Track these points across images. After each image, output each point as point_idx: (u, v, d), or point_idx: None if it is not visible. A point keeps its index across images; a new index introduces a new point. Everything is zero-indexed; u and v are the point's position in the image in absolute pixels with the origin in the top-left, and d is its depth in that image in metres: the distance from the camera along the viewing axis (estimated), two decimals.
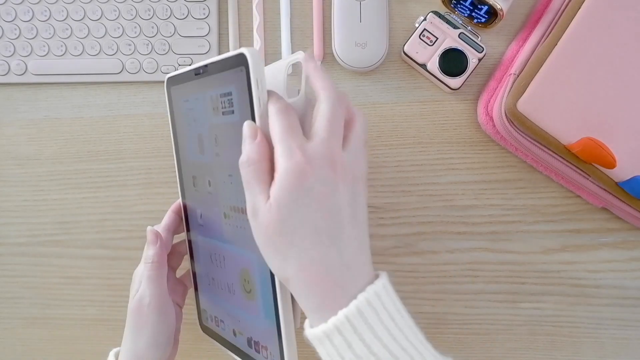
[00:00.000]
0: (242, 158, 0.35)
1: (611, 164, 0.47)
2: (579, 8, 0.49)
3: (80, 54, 0.57)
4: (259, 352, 0.42)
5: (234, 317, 0.45)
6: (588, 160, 0.48)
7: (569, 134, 0.48)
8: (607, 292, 0.55)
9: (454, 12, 0.54)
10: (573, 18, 0.49)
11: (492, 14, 0.52)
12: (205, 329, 0.51)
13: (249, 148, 0.35)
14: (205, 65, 0.41)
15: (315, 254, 0.34)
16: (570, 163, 0.50)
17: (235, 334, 0.45)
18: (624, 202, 0.50)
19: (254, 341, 0.42)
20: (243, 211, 0.38)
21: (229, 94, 0.39)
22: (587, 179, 0.50)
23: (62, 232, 0.57)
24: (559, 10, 0.52)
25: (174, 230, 0.50)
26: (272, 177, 0.35)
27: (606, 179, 0.48)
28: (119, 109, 0.57)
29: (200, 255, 0.49)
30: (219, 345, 0.48)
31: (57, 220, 0.58)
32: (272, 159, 0.35)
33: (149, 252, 0.46)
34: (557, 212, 0.55)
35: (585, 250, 0.55)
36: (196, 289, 0.51)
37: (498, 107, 0.51)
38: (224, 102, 0.40)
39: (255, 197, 0.35)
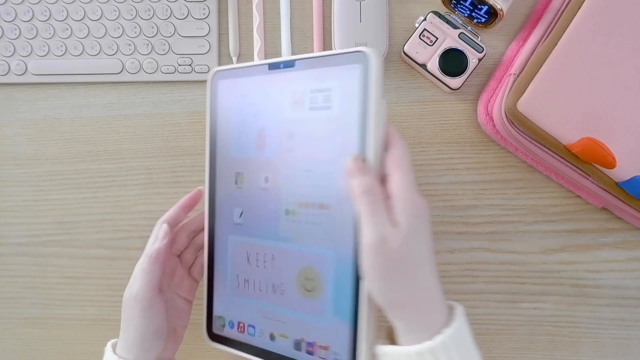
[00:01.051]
0: (360, 190, 0.36)
1: (611, 164, 0.47)
2: (579, 8, 0.49)
3: (80, 54, 0.57)
4: (312, 354, 0.42)
5: (275, 320, 0.44)
6: (588, 160, 0.48)
7: (569, 134, 0.48)
8: (607, 292, 0.55)
9: (454, 12, 0.54)
10: (573, 18, 0.49)
11: (492, 14, 0.52)
12: (217, 338, 0.48)
13: (366, 180, 0.37)
14: (292, 61, 0.42)
15: (431, 279, 0.37)
16: (570, 163, 0.50)
17: (273, 338, 0.44)
18: (624, 202, 0.50)
19: (307, 342, 0.42)
20: (322, 206, 0.40)
21: (327, 89, 0.40)
22: (587, 179, 0.50)
23: (62, 232, 0.57)
24: (559, 10, 0.52)
25: (175, 225, 0.49)
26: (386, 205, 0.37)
27: (606, 179, 0.48)
28: (119, 109, 0.57)
29: (228, 256, 0.47)
30: (238, 352, 0.46)
31: (57, 220, 0.58)
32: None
33: (154, 245, 0.46)
34: (557, 212, 0.55)
35: (585, 250, 0.55)
36: (210, 295, 0.48)
37: (498, 107, 0.51)
38: (316, 98, 0.41)
39: (380, 225, 0.36)
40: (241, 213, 0.46)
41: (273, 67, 0.44)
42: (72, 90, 0.58)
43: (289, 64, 0.43)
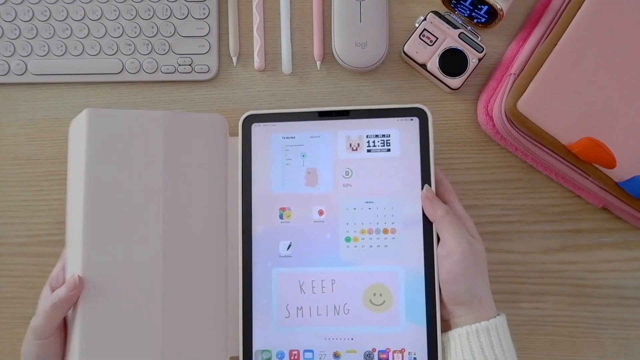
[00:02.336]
0: (442, 213, 0.46)
1: (611, 164, 0.47)
2: (579, 8, 0.49)
3: (80, 54, 0.57)
4: (387, 359, 0.47)
5: (339, 339, 0.48)
6: (588, 160, 0.48)
7: (569, 134, 0.48)
8: (607, 292, 0.55)
9: (454, 12, 0.54)
10: (573, 18, 0.49)
11: (492, 14, 0.52)
12: None
13: (443, 205, 0.47)
14: (346, 111, 0.50)
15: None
16: (570, 163, 0.50)
17: (338, 357, 0.48)
18: (624, 202, 0.50)
19: (379, 350, 0.47)
20: (387, 231, 0.48)
21: (386, 135, 0.49)
22: (587, 179, 0.50)
23: (62, 232, 0.57)
24: (559, 10, 0.52)
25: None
26: None
27: (606, 179, 0.48)
28: (119, 109, 0.57)
29: (273, 289, 0.49)
30: None
31: (57, 220, 0.57)
32: None
33: (62, 293, 0.45)
34: (557, 212, 0.55)
35: (585, 250, 0.55)
36: (247, 332, 0.49)
37: (498, 107, 0.51)
38: (373, 142, 0.49)
39: (466, 236, 0.45)
40: (289, 245, 0.49)
41: (324, 114, 0.50)
42: (72, 90, 0.58)
43: (342, 113, 0.50)
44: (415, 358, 0.47)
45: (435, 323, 0.46)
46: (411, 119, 0.49)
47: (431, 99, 0.56)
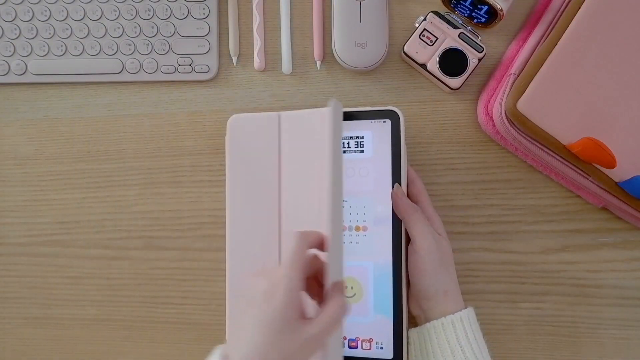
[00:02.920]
0: (411, 210, 0.48)
1: (611, 164, 0.47)
2: (579, 8, 0.49)
3: (80, 54, 0.57)
4: (355, 347, 0.50)
5: None
6: (588, 160, 0.48)
7: (569, 134, 0.48)
8: (607, 292, 0.55)
9: (454, 12, 0.54)
10: (573, 18, 0.49)
11: (492, 14, 0.52)
12: None
13: (411, 204, 0.48)
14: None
15: (456, 275, 0.49)
16: (570, 163, 0.50)
17: None
18: (624, 202, 0.50)
19: (349, 339, 0.50)
20: (359, 228, 0.50)
21: (360, 137, 0.51)
22: (587, 179, 0.50)
23: (62, 232, 0.57)
24: (559, 10, 0.52)
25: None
26: None
27: (606, 179, 0.48)
28: (119, 109, 0.57)
29: None
30: None
31: (57, 220, 0.58)
32: None
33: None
34: (557, 212, 0.55)
35: (585, 250, 0.55)
36: None
37: (498, 107, 0.51)
38: (348, 143, 0.51)
39: (433, 233, 0.47)
40: None
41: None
42: (72, 90, 0.58)
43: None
44: (382, 347, 0.50)
45: (402, 316, 0.49)
46: (384, 121, 0.50)
47: (431, 99, 0.56)
